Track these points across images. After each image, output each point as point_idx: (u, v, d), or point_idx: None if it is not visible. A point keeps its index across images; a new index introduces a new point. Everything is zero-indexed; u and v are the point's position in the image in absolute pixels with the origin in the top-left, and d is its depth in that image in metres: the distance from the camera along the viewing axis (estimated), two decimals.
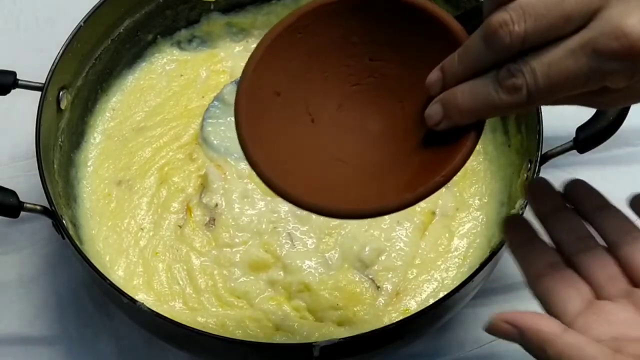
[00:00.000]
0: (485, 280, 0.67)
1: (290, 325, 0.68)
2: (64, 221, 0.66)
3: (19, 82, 0.70)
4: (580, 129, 0.69)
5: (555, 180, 0.53)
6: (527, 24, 0.43)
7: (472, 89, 0.45)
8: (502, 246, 0.63)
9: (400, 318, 0.67)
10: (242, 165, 0.75)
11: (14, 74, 0.70)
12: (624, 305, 0.47)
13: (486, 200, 0.74)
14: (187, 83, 0.82)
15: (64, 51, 0.71)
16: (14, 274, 0.76)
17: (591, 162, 0.78)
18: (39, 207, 0.66)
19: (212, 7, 0.83)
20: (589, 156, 0.72)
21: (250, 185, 0.74)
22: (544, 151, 0.67)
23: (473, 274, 0.62)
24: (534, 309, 0.48)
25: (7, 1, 0.92)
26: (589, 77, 0.43)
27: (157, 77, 0.83)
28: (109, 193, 0.76)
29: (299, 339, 0.68)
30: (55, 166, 0.71)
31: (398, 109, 0.51)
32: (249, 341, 0.63)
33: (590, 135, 0.69)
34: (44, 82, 0.70)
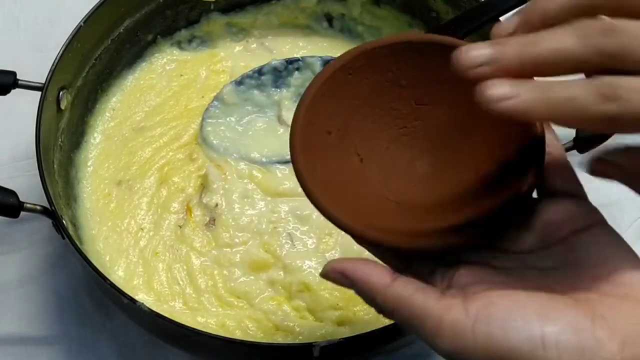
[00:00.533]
0: None
1: (290, 325, 0.68)
2: (64, 221, 0.66)
3: (19, 82, 0.70)
4: (580, 129, 0.69)
5: None
6: None
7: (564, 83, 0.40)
8: None
9: None
10: (241, 165, 0.75)
11: (14, 74, 0.70)
12: None
13: None
14: (187, 83, 0.82)
15: (64, 51, 0.71)
16: (14, 274, 0.76)
17: None
18: (39, 207, 0.66)
19: (212, 7, 0.83)
20: (589, 156, 0.72)
21: (250, 185, 0.74)
22: None
23: None
24: None
25: (8, 1, 0.92)
26: None
27: (157, 77, 0.83)
28: (109, 193, 0.76)
29: (299, 339, 0.68)
30: (55, 166, 0.71)
31: (446, 150, 0.51)
32: (249, 341, 0.62)
33: (590, 135, 0.69)
34: (44, 82, 0.69)
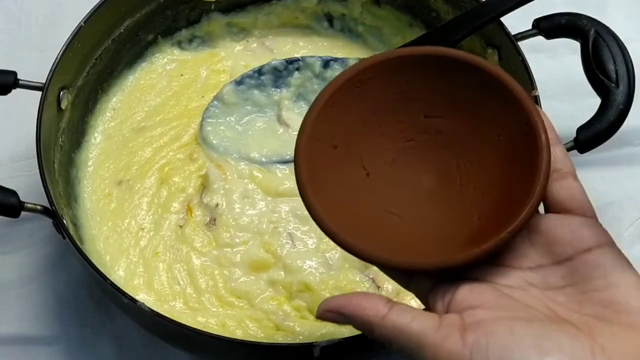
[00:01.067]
0: None
1: (291, 325, 0.68)
2: (64, 221, 0.66)
3: (20, 82, 0.70)
4: (580, 129, 0.69)
5: None
6: None
7: None
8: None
9: None
10: (242, 165, 0.75)
11: (14, 73, 0.70)
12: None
13: None
14: (188, 83, 0.82)
15: (64, 51, 0.71)
16: (14, 274, 0.76)
17: (591, 163, 0.78)
18: (39, 207, 0.66)
19: (212, 7, 0.83)
20: (589, 156, 0.72)
21: (251, 185, 0.74)
22: None
23: None
24: None
25: (8, 1, 0.91)
26: None
27: (157, 77, 0.83)
28: (110, 193, 0.76)
29: (300, 339, 0.68)
30: (55, 166, 0.71)
31: (453, 165, 0.51)
32: (249, 341, 0.62)
33: (590, 136, 0.69)
34: (44, 82, 0.69)
